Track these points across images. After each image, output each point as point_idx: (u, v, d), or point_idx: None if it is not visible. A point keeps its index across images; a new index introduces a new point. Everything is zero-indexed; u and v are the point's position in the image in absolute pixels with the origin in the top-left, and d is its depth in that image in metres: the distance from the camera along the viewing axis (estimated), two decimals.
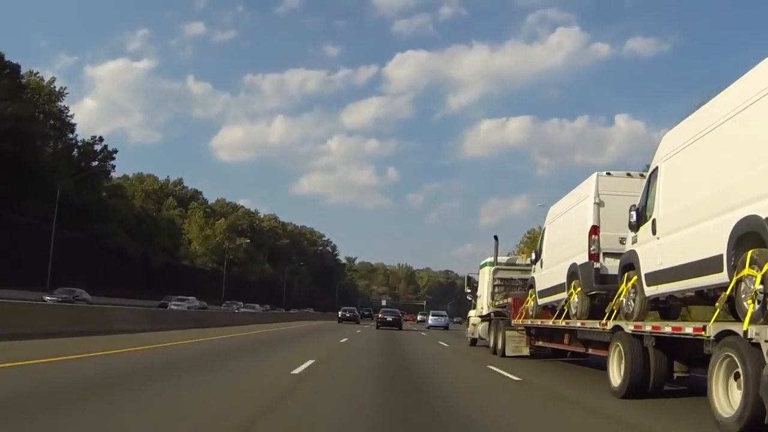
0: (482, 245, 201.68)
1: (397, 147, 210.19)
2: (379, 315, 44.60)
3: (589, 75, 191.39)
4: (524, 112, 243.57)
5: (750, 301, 5.98)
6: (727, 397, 6.12)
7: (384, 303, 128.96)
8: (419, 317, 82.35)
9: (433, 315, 57.38)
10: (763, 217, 5.86)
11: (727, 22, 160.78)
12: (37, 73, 59.65)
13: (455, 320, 72.76)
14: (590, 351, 11.23)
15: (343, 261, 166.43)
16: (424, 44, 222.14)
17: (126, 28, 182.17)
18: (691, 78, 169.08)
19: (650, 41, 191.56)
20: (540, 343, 15.03)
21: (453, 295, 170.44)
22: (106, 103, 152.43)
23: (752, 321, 5.82)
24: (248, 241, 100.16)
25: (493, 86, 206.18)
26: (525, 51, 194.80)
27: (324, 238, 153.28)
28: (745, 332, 5.71)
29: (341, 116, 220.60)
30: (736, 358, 5.93)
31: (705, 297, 7.75)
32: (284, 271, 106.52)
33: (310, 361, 11.98)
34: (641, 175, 10.47)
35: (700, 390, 7.37)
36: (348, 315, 53.44)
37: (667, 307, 9.72)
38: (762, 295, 5.89)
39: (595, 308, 10.69)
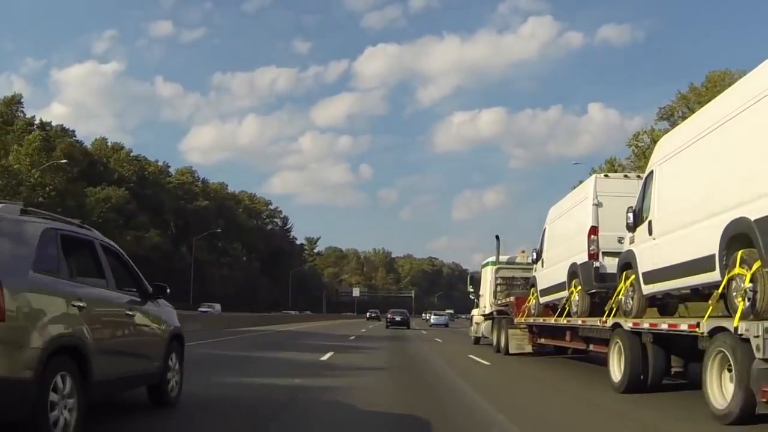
0: (457, 238, 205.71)
1: (371, 143, 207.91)
2: (388, 316, 49.90)
3: (562, 64, 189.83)
4: (497, 104, 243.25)
5: (740, 299, 6.35)
6: (721, 390, 6.49)
7: (356, 294, 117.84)
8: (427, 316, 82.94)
9: (434, 315, 65.82)
10: (752, 219, 6.21)
11: (701, 6, 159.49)
12: None
13: (465, 317, 73.05)
14: (591, 348, 11.55)
15: (302, 242, 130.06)
16: (395, 37, 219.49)
17: (92, 30, 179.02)
18: (666, 64, 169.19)
19: (624, 28, 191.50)
20: (542, 341, 15.36)
21: (440, 285, 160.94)
22: (76, 107, 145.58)
23: (742, 317, 6.19)
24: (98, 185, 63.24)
25: (465, 78, 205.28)
26: (497, 41, 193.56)
27: (271, 207, 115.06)
28: (736, 328, 6.08)
29: (313, 113, 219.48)
30: (728, 353, 6.29)
31: (700, 294, 8.09)
32: (191, 246, 72.00)
33: None
34: (638, 177, 10.81)
35: (697, 384, 7.72)
36: (373, 315, 70.08)
37: (664, 304, 10.09)
38: (751, 292, 6.25)
39: (595, 306, 11.04)
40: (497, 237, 21.37)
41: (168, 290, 7.11)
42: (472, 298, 24.78)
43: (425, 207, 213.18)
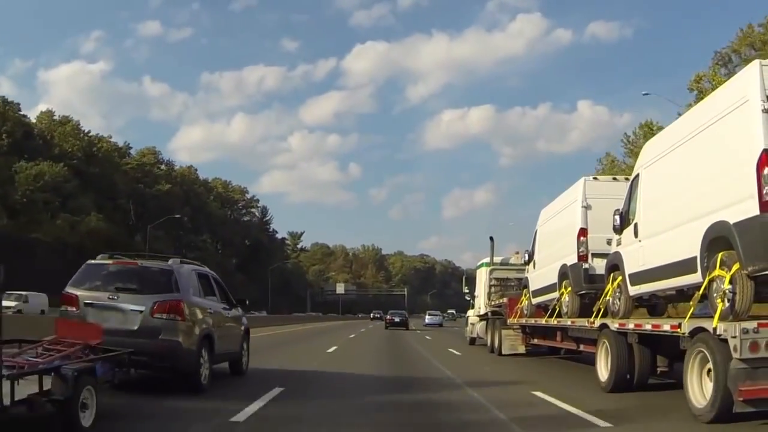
0: (449, 237, 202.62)
1: (359, 141, 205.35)
2: (387, 317, 51.58)
3: (551, 61, 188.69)
4: (486, 101, 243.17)
5: (719, 300, 6.53)
6: (701, 389, 6.67)
7: (341, 290, 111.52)
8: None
9: (429, 315, 66.12)
10: (731, 222, 6.40)
11: (689, 3, 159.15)
12: None
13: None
14: (582, 348, 11.72)
15: (284, 236, 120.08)
16: (383, 35, 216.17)
17: (80, 30, 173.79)
18: (654, 61, 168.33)
19: (613, 25, 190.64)
20: (535, 341, 15.53)
21: (433, 283, 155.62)
22: (62, 107, 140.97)
23: (721, 318, 6.38)
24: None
25: (454, 76, 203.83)
26: (486, 39, 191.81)
27: (248, 196, 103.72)
28: (715, 329, 6.27)
29: (301, 112, 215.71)
30: (707, 353, 6.47)
31: (685, 295, 8.25)
32: (145, 234, 58.44)
33: None
34: (626, 179, 10.97)
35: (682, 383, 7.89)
36: (377, 316, 69.98)
37: (653, 305, 10.28)
38: (731, 294, 6.44)
39: (585, 307, 11.19)
40: (491, 238, 21.54)
41: (247, 302, 11.75)
42: (468, 298, 24.95)
43: (415, 206, 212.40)
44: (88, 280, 8.34)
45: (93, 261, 8.75)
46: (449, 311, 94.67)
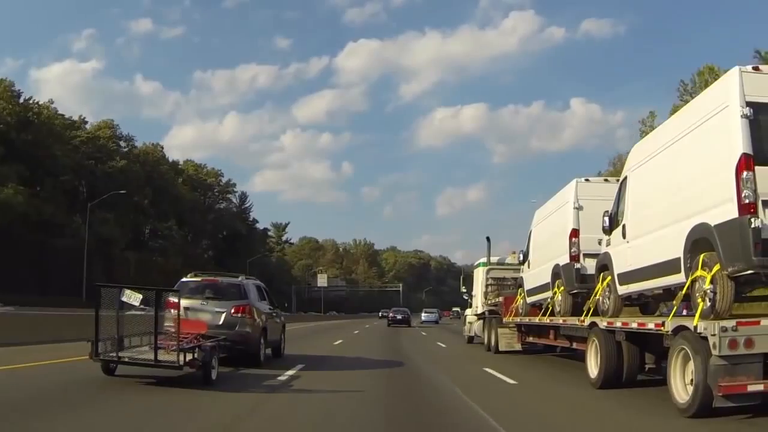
0: (442, 235, 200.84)
1: (352, 140, 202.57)
2: (390, 314, 51.12)
3: (544, 59, 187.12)
4: (479, 100, 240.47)
5: (701, 299, 6.77)
6: (684, 385, 6.92)
7: (323, 283, 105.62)
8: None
9: (425, 312, 65.37)
10: (712, 225, 6.65)
11: (684, 0, 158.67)
12: None
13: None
14: (574, 345, 11.95)
15: (266, 227, 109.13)
16: (376, 32, 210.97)
17: (72, 28, 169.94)
18: (647, 59, 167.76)
19: (605, 22, 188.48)
20: (530, 339, 15.74)
21: (428, 280, 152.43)
22: (54, 105, 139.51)
23: (702, 317, 6.62)
24: None
25: (447, 74, 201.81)
26: (479, 36, 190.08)
27: (223, 181, 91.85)
28: (695, 327, 6.50)
29: (294, 111, 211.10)
30: (689, 350, 6.71)
31: (672, 294, 8.46)
32: (85, 216, 49.88)
33: None
34: (617, 181, 11.20)
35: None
36: (384, 315, 67.35)
37: (645, 303, 10.52)
38: (712, 293, 6.68)
39: (577, 306, 11.44)
40: (488, 238, 21.73)
41: (286, 304, 38.72)
42: (465, 297, 25.15)
43: (408, 204, 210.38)
44: (183, 292, 11.06)
45: (185, 279, 12.38)
46: (454, 309, 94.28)
